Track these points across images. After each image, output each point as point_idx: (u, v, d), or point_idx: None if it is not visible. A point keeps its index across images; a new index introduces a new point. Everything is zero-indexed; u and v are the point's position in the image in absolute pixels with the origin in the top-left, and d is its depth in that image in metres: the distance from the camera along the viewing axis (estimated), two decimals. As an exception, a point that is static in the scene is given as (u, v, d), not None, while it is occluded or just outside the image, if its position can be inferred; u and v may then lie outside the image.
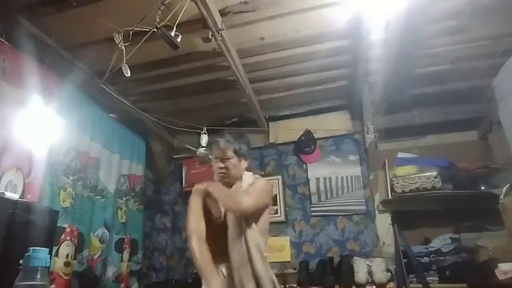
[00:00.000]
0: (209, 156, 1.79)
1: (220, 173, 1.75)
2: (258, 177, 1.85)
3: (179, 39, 1.82)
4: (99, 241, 2.70)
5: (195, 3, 1.84)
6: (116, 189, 2.97)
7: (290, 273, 2.98)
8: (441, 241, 2.72)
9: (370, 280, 2.70)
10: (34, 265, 0.87)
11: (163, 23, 1.78)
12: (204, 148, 3.11)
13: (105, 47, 2.16)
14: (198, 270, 1.55)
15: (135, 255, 3.16)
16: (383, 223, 3.09)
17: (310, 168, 3.39)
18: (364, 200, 3.18)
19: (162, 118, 3.14)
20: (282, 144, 3.53)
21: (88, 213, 2.61)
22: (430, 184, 2.78)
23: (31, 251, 0.89)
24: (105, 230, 2.76)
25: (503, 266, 2.12)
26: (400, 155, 3.11)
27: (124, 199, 3.11)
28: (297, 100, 3.31)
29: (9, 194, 1.63)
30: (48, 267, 0.91)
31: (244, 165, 1.81)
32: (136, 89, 2.99)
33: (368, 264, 2.74)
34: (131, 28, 1.86)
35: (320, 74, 2.90)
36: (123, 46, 1.92)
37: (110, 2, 2.00)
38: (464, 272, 2.47)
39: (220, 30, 2.09)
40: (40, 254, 0.89)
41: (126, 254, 3.00)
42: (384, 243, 3.02)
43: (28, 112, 2.06)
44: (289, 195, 3.40)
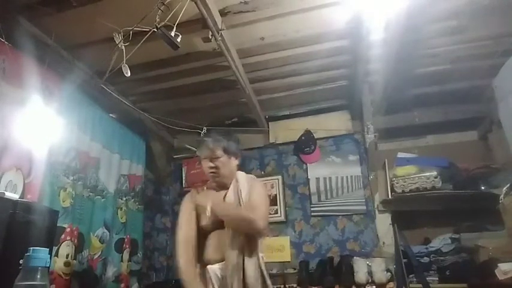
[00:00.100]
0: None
1: (210, 173, 1.75)
2: (253, 177, 1.85)
3: (179, 39, 1.82)
4: (99, 241, 2.69)
5: (195, 3, 1.84)
6: (116, 189, 2.97)
7: (290, 273, 2.98)
8: (441, 241, 2.72)
9: (370, 280, 2.70)
10: (34, 265, 0.87)
11: (163, 23, 1.78)
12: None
13: (105, 47, 2.15)
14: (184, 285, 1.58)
15: (135, 255, 3.16)
16: (383, 223, 3.09)
17: (310, 168, 3.39)
18: (364, 200, 3.18)
19: (162, 118, 3.14)
20: (282, 144, 3.53)
21: (88, 213, 2.60)
22: (430, 184, 2.78)
23: (31, 251, 0.89)
24: (105, 230, 2.76)
25: (503, 266, 2.12)
26: (400, 155, 3.11)
27: (124, 199, 3.10)
28: (297, 100, 3.31)
29: (9, 194, 1.62)
30: (48, 267, 0.91)
31: (234, 163, 1.81)
32: (136, 89, 2.99)
33: (368, 264, 2.74)
34: (131, 28, 1.86)
35: (320, 74, 2.90)
36: (123, 46, 1.92)
37: (110, 2, 2.00)
38: (464, 272, 2.47)
39: (220, 30, 2.09)
40: (40, 254, 0.88)
41: (126, 254, 3.00)
42: (384, 243, 3.02)
43: (28, 112, 2.05)
44: (289, 195, 3.39)
